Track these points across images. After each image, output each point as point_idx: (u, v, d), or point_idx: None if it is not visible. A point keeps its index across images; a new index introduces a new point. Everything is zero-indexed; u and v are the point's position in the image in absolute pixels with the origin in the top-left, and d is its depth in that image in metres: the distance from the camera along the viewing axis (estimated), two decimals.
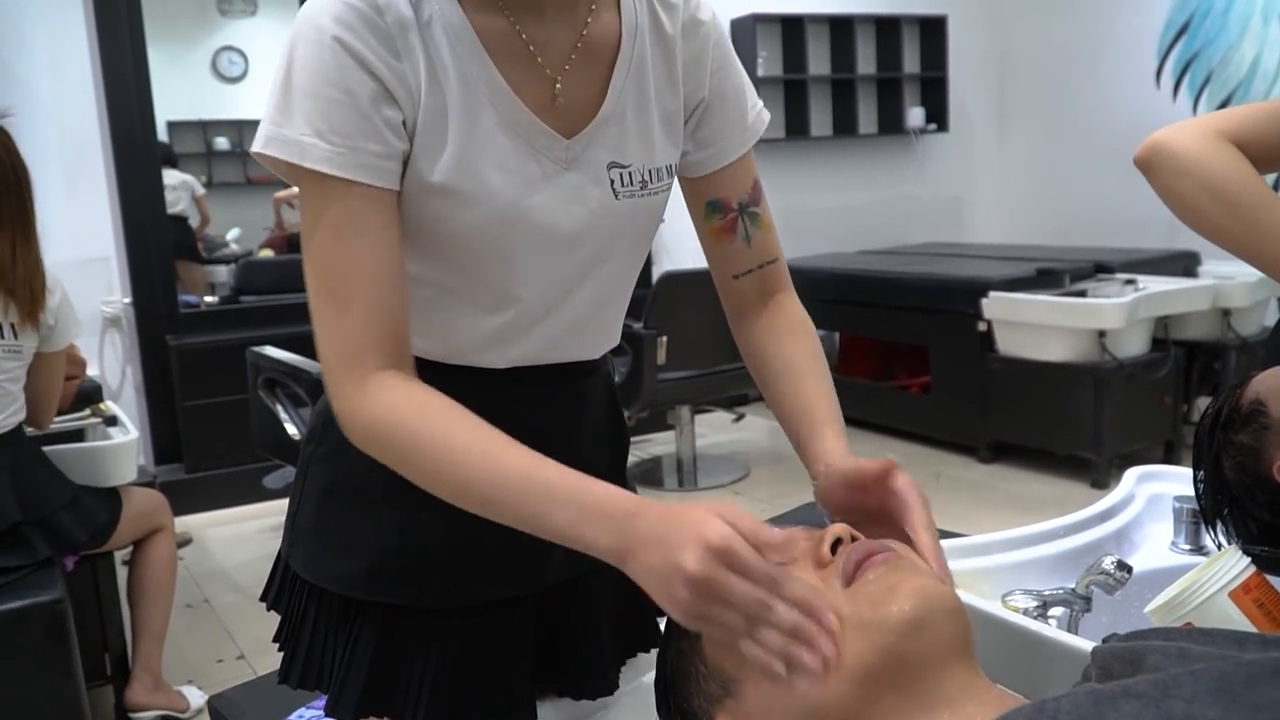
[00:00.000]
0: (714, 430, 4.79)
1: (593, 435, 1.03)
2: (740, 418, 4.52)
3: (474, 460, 0.77)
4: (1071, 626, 1.27)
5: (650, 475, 4.21)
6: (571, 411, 1.01)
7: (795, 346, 1.00)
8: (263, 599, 1.05)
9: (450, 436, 0.79)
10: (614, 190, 0.91)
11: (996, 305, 4.00)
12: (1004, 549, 1.42)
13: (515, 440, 0.78)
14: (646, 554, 0.69)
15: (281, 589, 1.01)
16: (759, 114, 1.02)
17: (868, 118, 5.49)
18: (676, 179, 1.01)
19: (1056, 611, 1.29)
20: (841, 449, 0.92)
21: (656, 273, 4.99)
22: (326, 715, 0.95)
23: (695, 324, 3.85)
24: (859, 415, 4.74)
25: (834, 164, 5.55)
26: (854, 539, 0.74)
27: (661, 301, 3.75)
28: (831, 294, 4.73)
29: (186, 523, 3.79)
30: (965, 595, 1.21)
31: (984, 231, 5.96)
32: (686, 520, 0.67)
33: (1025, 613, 1.29)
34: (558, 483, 0.75)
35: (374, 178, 0.80)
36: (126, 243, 3.99)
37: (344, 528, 0.95)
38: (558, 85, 0.87)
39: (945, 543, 1.40)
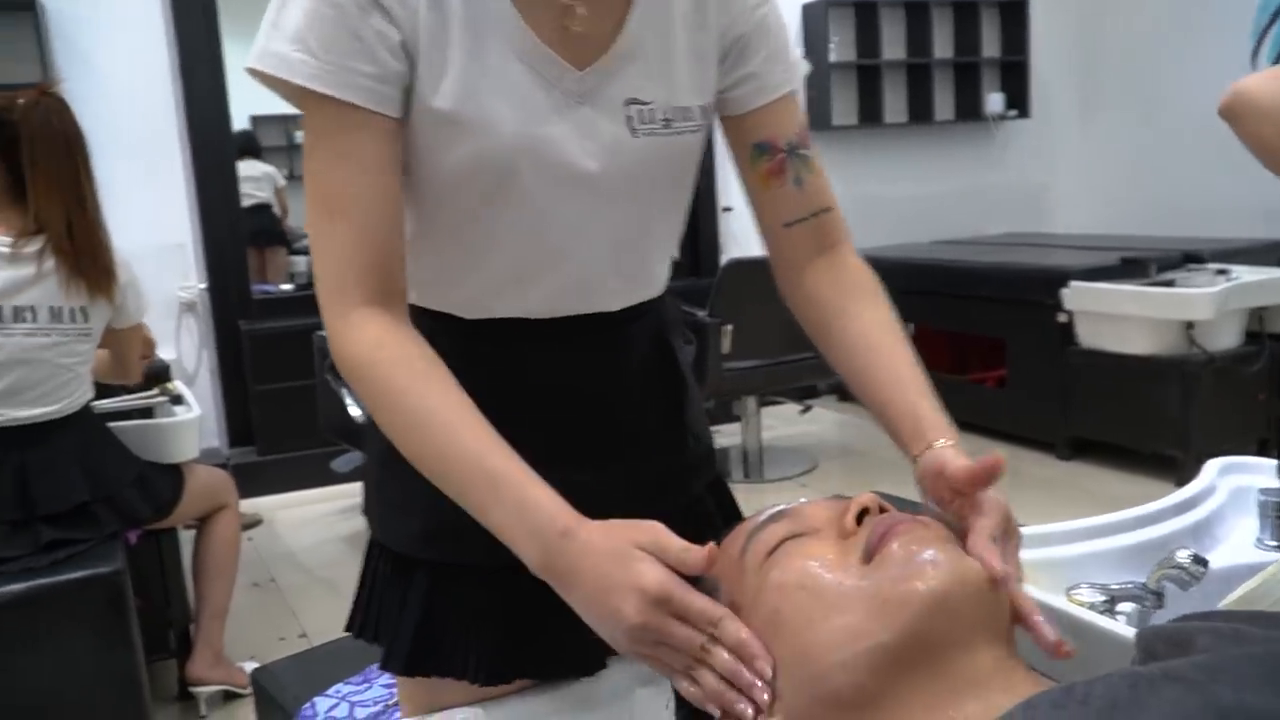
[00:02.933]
0: (781, 422, 4.71)
1: (638, 387, 0.99)
2: (808, 409, 4.43)
3: (432, 430, 0.77)
4: (1141, 623, 1.20)
5: (719, 468, 4.15)
6: (605, 365, 0.96)
7: (868, 308, 0.93)
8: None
9: (416, 398, 0.78)
10: (631, 128, 0.87)
11: (1078, 295, 3.85)
12: (1070, 540, 1.34)
13: (478, 414, 0.77)
14: (579, 588, 0.71)
15: (368, 543, 1.01)
16: (800, 59, 0.98)
17: (944, 104, 5.34)
18: (719, 125, 0.96)
19: (1125, 607, 1.22)
20: (942, 423, 0.85)
21: (725, 259, 4.95)
22: (380, 669, 0.95)
23: (762, 313, 3.76)
24: None
25: (908, 152, 5.41)
26: (883, 510, 0.69)
27: (727, 289, 3.69)
28: (903, 284, 4.56)
29: (257, 504, 3.87)
30: (1025, 587, 1.15)
31: (1066, 221, 5.75)
32: (619, 563, 0.68)
33: (1091, 607, 1.21)
34: (502, 478, 0.75)
35: (366, 99, 0.77)
36: (202, 230, 4.07)
37: (401, 489, 0.93)
38: (575, 10, 0.82)
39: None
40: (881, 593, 0.62)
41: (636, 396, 0.98)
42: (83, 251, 2.04)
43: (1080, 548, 1.33)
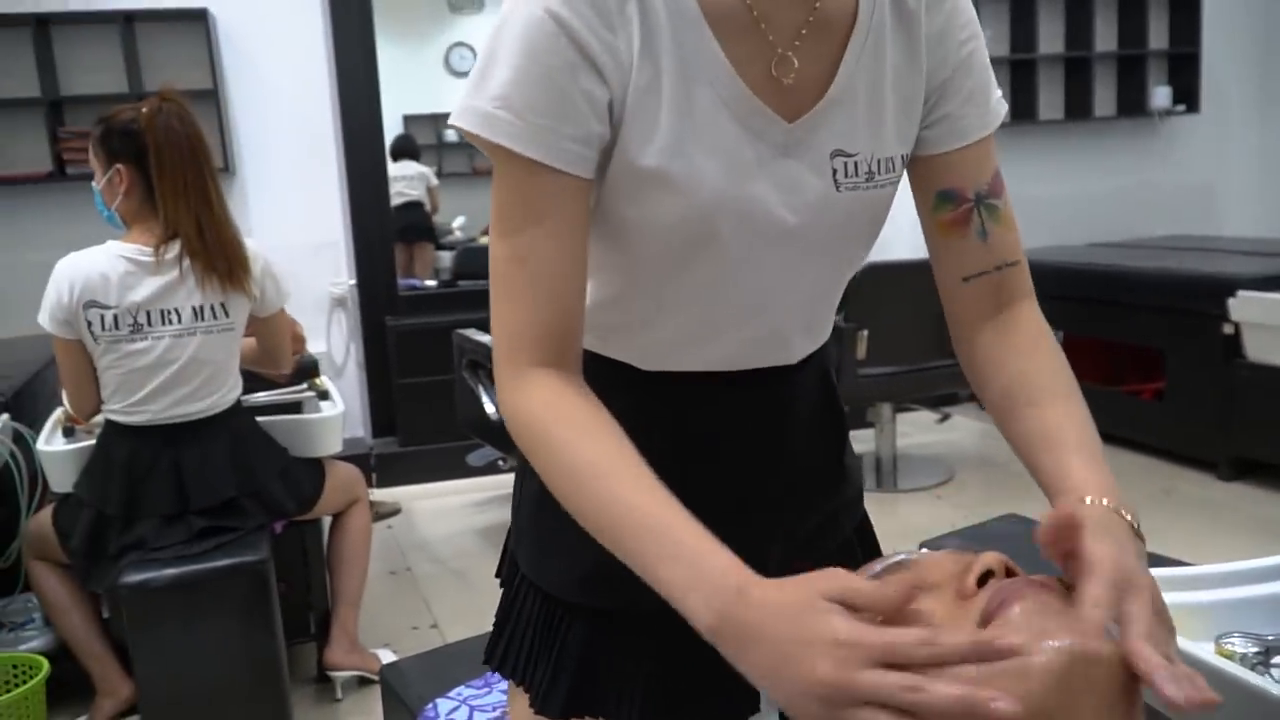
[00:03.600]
0: (918, 429, 4.58)
1: (804, 434, 0.97)
2: (945, 418, 4.29)
3: (597, 484, 0.72)
4: None
5: None
6: (777, 415, 0.94)
7: (1035, 361, 0.84)
8: (497, 575, 1.05)
9: (580, 452, 0.74)
10: (835, 181, 0.82)
11: (1246, 305, 3.59)
12: (1225, 583, 1.25)
13: (645, 468, 0.72)
14: (757, 649, 0.62)
15: (510, 573, 1.00)
16: (1000, 101, 0.89)
17: (1105, 99, 5.07)
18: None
19: None
20: (1096, 480, 0.74)
21: (864, 265, 4.84)
22: (535, 711, 0.94)
23: (900, 318, 3.68)
24: None
25: (1065, 149, 5.16)
26: (1010, 573, 0.65)
27: (864, 293, 3.59)
28: (1055, 289, 4.39)
29: (396, 494, 4.02)
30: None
31: (1237, 224, 5.37)
32: (803, 618, 0.60)
33: (1242, 659, 1.14)
34: (671, 532, 0.69)
35: (565, 163, 0.75)
36: (353, 228, 4.25)
37: (556, 533, 0.91)
38: (790, 61, 0.78)
39: (1160, 572, 1.25)
40: (1007, 664, 0.58)
41: (803, 444, 0.96)
42: (213, 249, 2.12)
43: (1236, 592, 1.24)
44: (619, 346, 0.90)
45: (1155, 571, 1.25)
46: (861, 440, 4.43)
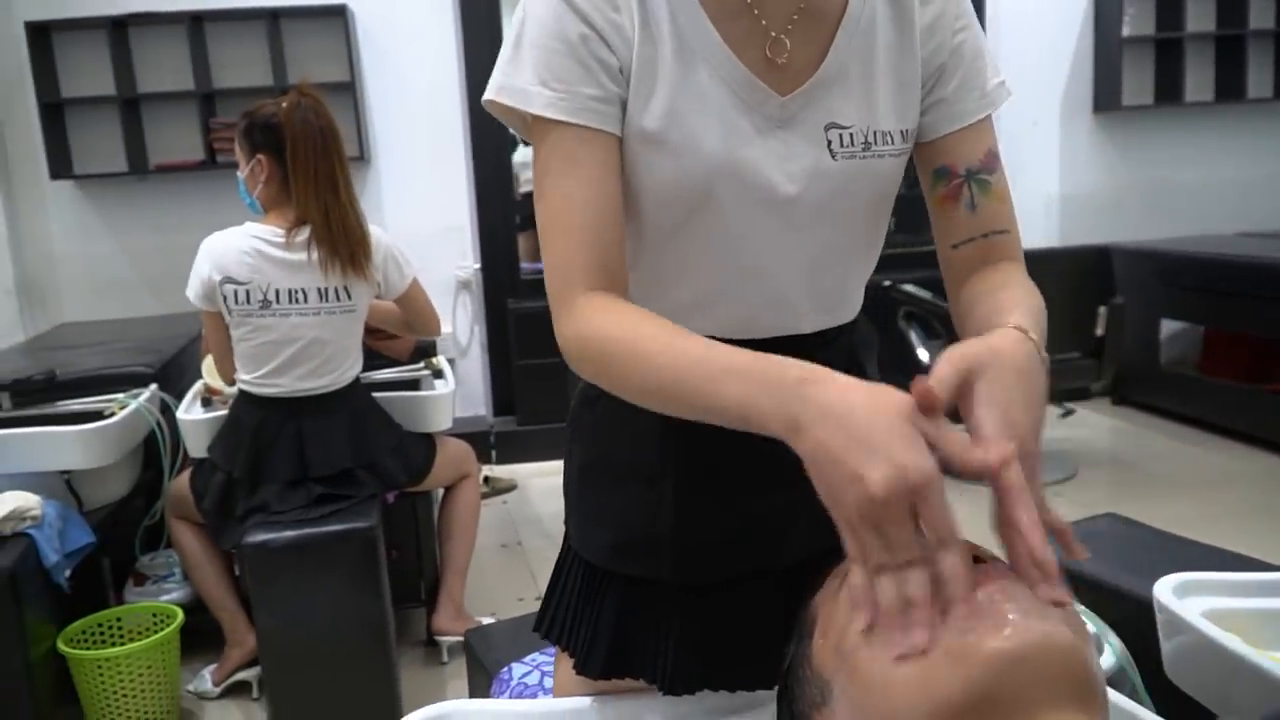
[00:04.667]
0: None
1: None
2: (1068, 414, 4.14)
3: (655, 351, 0.78)
4: None
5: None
6: None
7: (1003, 281, 0.88)
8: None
9: (640, 337, 0.80)
10: (830, 150, 0.88)
11: None
12: None
13: (697, 336, 0.78)
14: (820, 435, 0.64)
15: (563, 548, 1.07)
16: (1000, 85, 0.94)
17: (1260, 79, 4.76)
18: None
19: None
20: (1025, 318, 0.77)
21: None
22: (577, 673, 1.01)
23: None
24: (1222, 421, 4.17)
25: (1213, 133, 4.88)
26: (978, 560, 0.66)
27: None
28: (1196, 281, 4.18)
29: (514, 470, 4.15)
30: (1222, 636, 1.04)
31: None
32: (882, 424, 0.62)
33: None
34: (731, 359, 0.74)
35: (591, 119, 0.84)
36: (478, 214, 4.40)
37: (596, 503, 1.01)
38: (782, 43, 0.86)
39: (1227, 576, 1.22)
40: (955, 644, 0.60)
41: None
42: (338, 235, 2.26)
43: None
44: None
45: (1224, 576, 1.22)
46: None
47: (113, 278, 4.21)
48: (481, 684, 1.62)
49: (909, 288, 3.75)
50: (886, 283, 3.89)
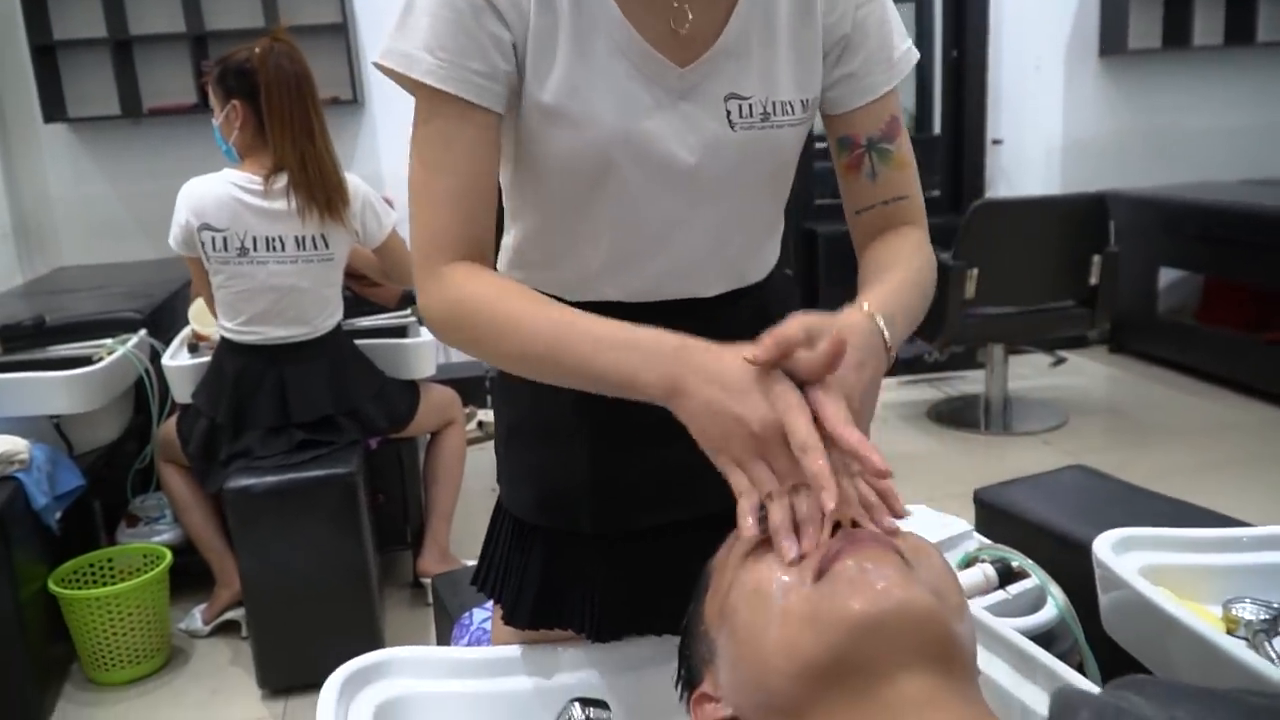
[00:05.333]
0: (1036, 371, 4.43)
1: None
2: (1060, 362, 4.13)
3: (525, 320, 0.82)
4: None
5: (958, 415, 3.98)
6: None
7: (897, 246, 0.94)
8: None
9: (508, 305, 0.83)
10: (730, 121, 0.89)
11: None
12: (1236, 548, 1.21)
13: (564, 305, 0.83)
14: (701, 392, 0.73)
15: (496, 505, 1.11)
16: (907, 52, 0.96)
17: (1271, 22, 4.65)
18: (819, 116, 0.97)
19: None
20: (879, 298, 0.84)
21: (976, 203, 4.66)
22: (504, 623, 1.05)
23: (1013, 258, 3.56)
24: (1218, 370, 4.16)
25: (1221, 78, 4.79)
26: (854, 524, 0.68)
27: (975, 232, 3.49)
28: (1197, 229, 4.14)
29: None
30: (1154, 593, 1.06)
31: None
32: (752, 374, 0.72)
33: (1247, 625, 1.12)
34: (603, 327, 0.79)
35: (473, 94, 0.84)
36: None
37: (520, 462, 1.03)
38: (684, 13, 0.86)
39: (1166, 531, 1.23)
40: (819, 610, 0.62)
41: None
42: (314, 181, 2.25)
43: (1247, 558, 1.21)
44: (545, 279, 0.97)
45: (1162, 532, 1.23)
46: (972, 381, 4.33)
47: (109, 221, 4.22)
48: (446, 628, 1.66)
49: None
50: None
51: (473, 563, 2.71)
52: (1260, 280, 4.08)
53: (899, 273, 0.90)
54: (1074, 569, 1.49)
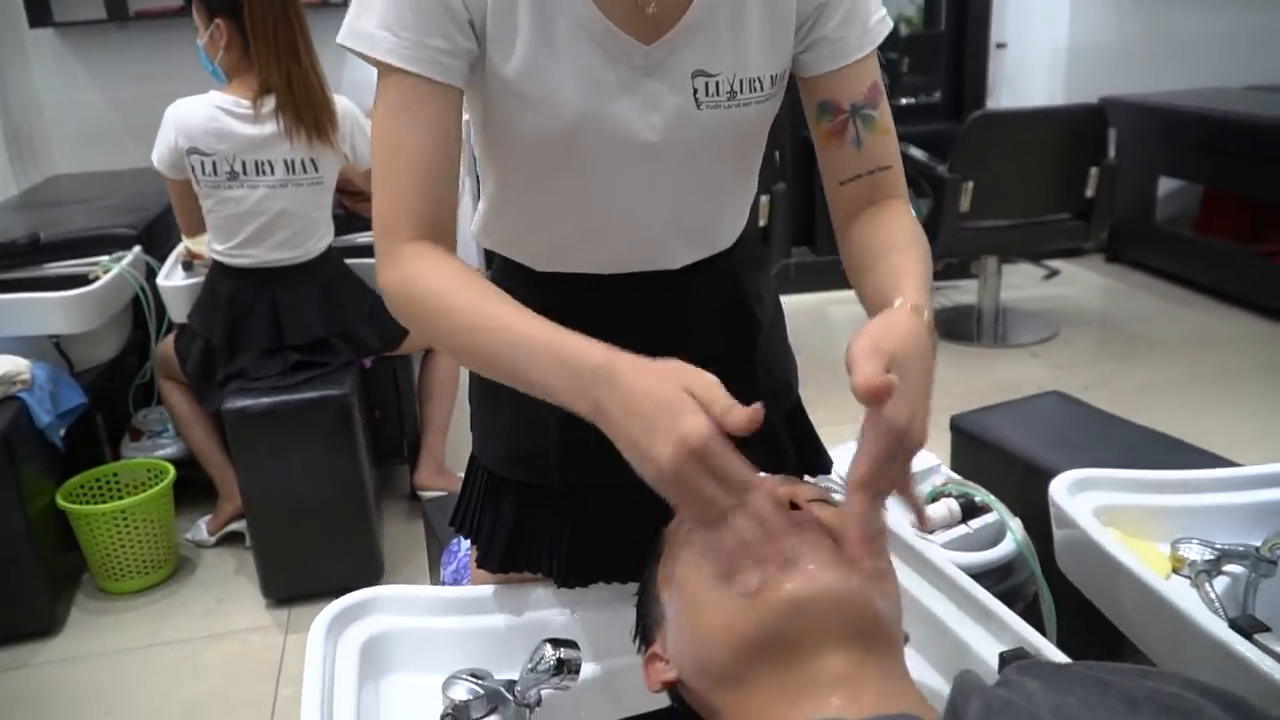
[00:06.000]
0: (1030, 281, 4.45)
1: (705, 333, 1.04)
2: (1052, 275, 4.14)
3: (461, 317, 0.82)
4: (1248, 589, 1.14)
5: (952, 326, 4.02)
6: (670, 315, 1.02)
7: (892, 231, 0.92)
8: None
9: (452, 300, 0.82)
10: (695, 100, 0.89)
11: None
12: (1185, 489, 1.26)
13: (505, 299, 0.82)
14: (621, 424, 0.71)
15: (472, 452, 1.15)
16: (881, 20, 0.95)
17: None
18: (794, 77, 0.97)
19: (1232, 569, 1.16)
20: (916, 292, 0.82)
21: (991, 106, 4.59)
22: (477, 565, 1.10)
23: (1009, 171, 3.54)
24: (1213, 282, 4.17)
25: None
26: (795, 506, 0.72)
27: (972, 144, 3.46)
28: (1196, 139, 4.09)
29: None
30: (1102, 535, 1.11)
31: None
32: (666, 407, 0.68)
33: (1191, 565, 1.17)
34: (533, 335, 0.78)
35: (434, 72, 0.84)
36: None
37: (491, 416, 1.07)
38: None
39: (1121, 473, 1.28)
40: (753, 590, 0.67)
41: (700, 341, 1.03)
42: (301, 101, 2.24)
43: (1201, 499, 1.26)
44: (516, 249, 0.99)
45: (1117, 473, 1.28)
46: (966, 291, 4.34)
47: (101, 128, 4.18)
48: (435, 553, 1.73)
49: (902, 146, 3.68)
50: None
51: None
52: (1257, 192, 4.06)
53: (914, 258, 0.88)
54: (1043, 498, 1.55)
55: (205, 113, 2.25)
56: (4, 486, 2.15)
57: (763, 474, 0.83)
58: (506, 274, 1.03)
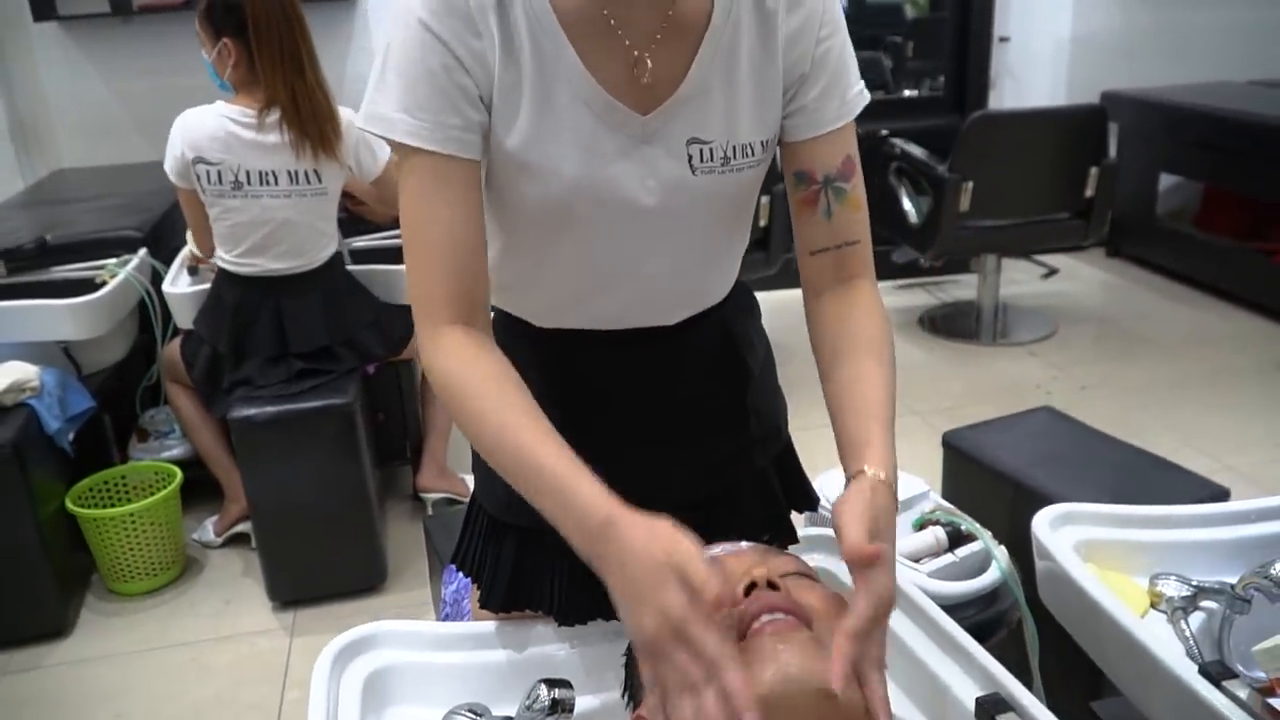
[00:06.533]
0: (1029, 276, 4.46)
1: (698, 383, 1.08)
2: (1051, 273, 4.16)
3: (491, 431, 0.86)
4: (1223, 625, 1.17)
5: (950, 323, 4.04)
6: (665, 368, 1.06)
7: (864, 362, 0.95)
8: None
9: (486, 401, 0.87)
10: (691, 166, 0.92)
11: None
12: (1164, 525, 1.29)
13: (537, 416, 0.86)
14: (613, 581, 0.77)
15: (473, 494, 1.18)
16: (860, 93, 0.98)
17: None
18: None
19: (1208, 604, 1.19)
20: (883, 454, 0.86)
21: (994, 99, 4.59)
22: (480, 606, 1.14)
23: (1010, 171, 3.55)
24: (1212, 279, 4.19)
25: None
26: (772, 586, 0.75)
27: (972, 144, 3.48)
28: (1197, 136, 4.10)
29: None
30: (1080, 572, 1.14)
31: None
32: (651, 580, 0.73)
33: (1169, 601, 1.21)
34: (546, 471, 0.82)
35: (453, 148, 0.87)
36: None
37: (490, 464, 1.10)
38: (645, 62, 0.88)
39: (1102, 508, 1.31)
40: (728, 686, 0.70)
41: (695, 390, 1.07)
42: (306, 116, 2.27)
43: (1182, 534, 1.29)
44: (515, 304, 1.03)
45: (1098, 508, 1.31)
46: (966, 286, 4.37)
47: (105, 121, 4.20)
48: (436, 569, 1.77)
49: (903, 144, 3.71)
50: (884, 131, 3.86)
51: (467, 476, 2.84)
52: (1259, 191, 4.07)
53: (881, 382, 0.92)
54: (1030, 520, 1.59)
55: (212, 123, 2.28)
56: (15, 493, 2.19)
57: (744, 544, 0.87)
58: (506, 329, 1.06)
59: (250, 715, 2.08)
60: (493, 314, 1.10)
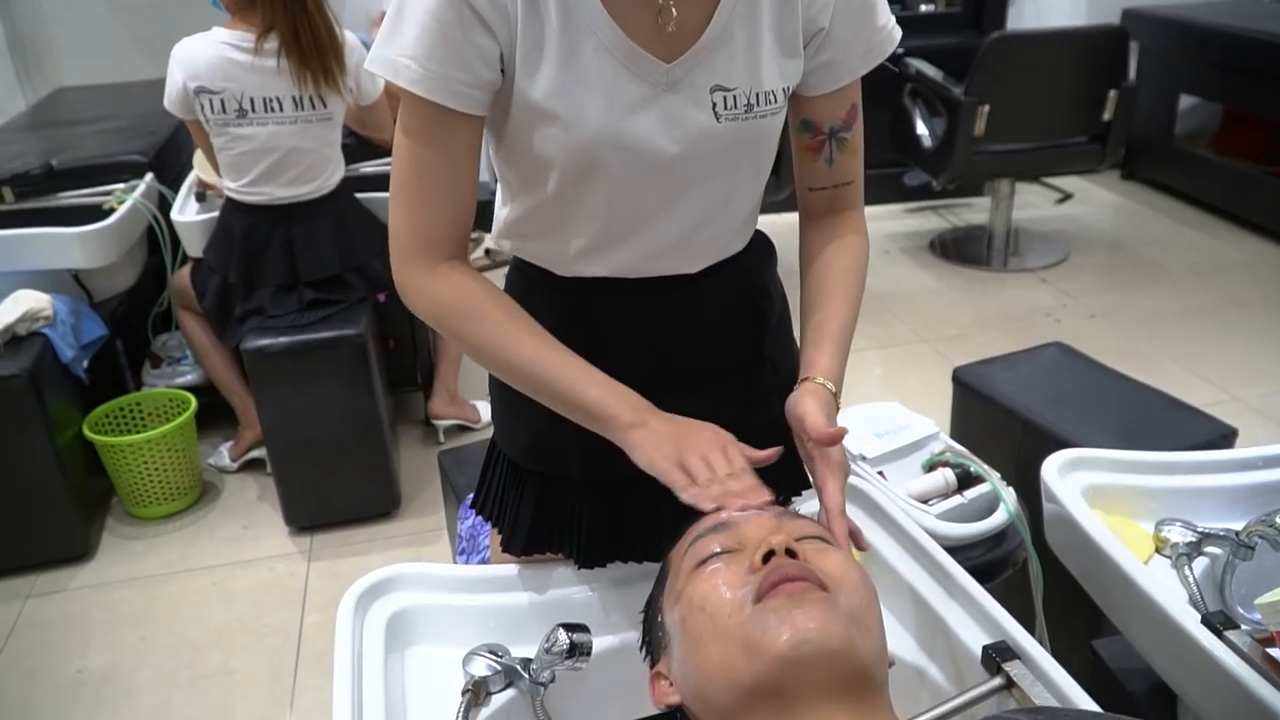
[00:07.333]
0: (1043, 199, 4.41)
1: (716, 331, 1.09)
2: (1065, 199, 4.11)
3: (522, 342, 0.95)
4: (1225, 571, 1.19)
5: (961, 248, 4.01)
6: (684, 315, 1.07)
7: (839, 258, 1.07)
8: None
9: (506, 320, 0.95)
10: (715, 113, 0.93)
11: None
12: (1178, 470, 1.31)
13: (554, 340, 0.97)
14: (656, 428, 0.92)
15: (492, 440, 1.21)
16: (888, 34, 0.99)
17: None
18: None
19: (1212, 550, 1.21)
20: (831, 368, 1.01)
21: (1013, 16, 4.48)
22: (501, 550, 1.17)
23: (1027, 94, 3.48)
24: (1228, 205, 4.14)
25: None
26: (790, 553, 0.76)
27: (989, 66, 3.40)
28: (1219, 56, 4.00)
29: None
30: (1086, 518, 1.16)
31: None
32: (702, 426, 0.93)
33: (1173, 547, 1.22)
34: (588, 370, 0.95)
35: (456, 103, 0.88)
36: None
37: (512, 409, 1.12)
38: (669, 10, 0.89)
39: (1110, 453, 1.33)
40: (753, 637, 0.71)
41: (713, 339, 1.09)
42: (308, 50, 2.23)
43: (1188, 480, 1.31)
44: (537, 254, 1.04)
45: (1107, 454, 1.33)
46: (978, 209, 4.32)
47: (105, 38, 4.13)
48: (452, 506, 1.80)
49: (919, 65, 3.64)
50: (899, 50, 3.76)
51: (483, 404, 2.89)
52: (1278, 113, 3.99)
53: (846, 311, 1.04)
54: (1039, 457, 1.61)
55: (211, 50, 2.23)
56: (33, 421, 2.22)
57: (759, 505, 0.88)
58: (522, 275, 1.07)
59: (273, 638, 2.14)
60: (512, 262, 1.11)
